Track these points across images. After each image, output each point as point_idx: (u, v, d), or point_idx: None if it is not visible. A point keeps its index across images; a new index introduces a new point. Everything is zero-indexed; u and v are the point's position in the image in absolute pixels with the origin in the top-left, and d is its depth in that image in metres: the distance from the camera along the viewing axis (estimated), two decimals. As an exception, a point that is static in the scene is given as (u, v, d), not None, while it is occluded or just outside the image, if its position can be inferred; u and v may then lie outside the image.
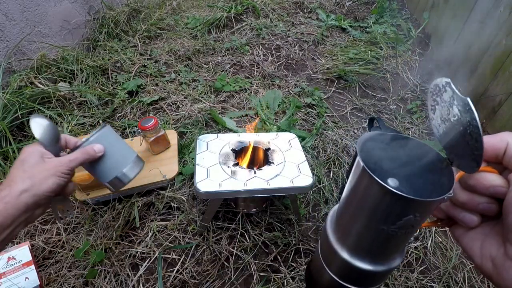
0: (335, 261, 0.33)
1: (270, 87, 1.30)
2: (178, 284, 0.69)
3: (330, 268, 0.34)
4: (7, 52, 1.11)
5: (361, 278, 0.32)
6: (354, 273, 0.31)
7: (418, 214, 0.25)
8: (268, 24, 1.71)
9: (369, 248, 0.30)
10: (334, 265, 0.34)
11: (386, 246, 0.29)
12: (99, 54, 1.42)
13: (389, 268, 0.30)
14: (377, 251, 0.30)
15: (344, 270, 0.33)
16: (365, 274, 0.31)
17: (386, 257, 0.30)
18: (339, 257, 0.31)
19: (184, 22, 1.77)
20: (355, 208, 0.29)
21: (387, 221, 0.26)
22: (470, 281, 0.72)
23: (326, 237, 0.33)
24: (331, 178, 0.92)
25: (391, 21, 1.78)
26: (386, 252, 0.30)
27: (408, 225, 0.26)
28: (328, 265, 0.34)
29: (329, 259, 0.34)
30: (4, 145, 0.93)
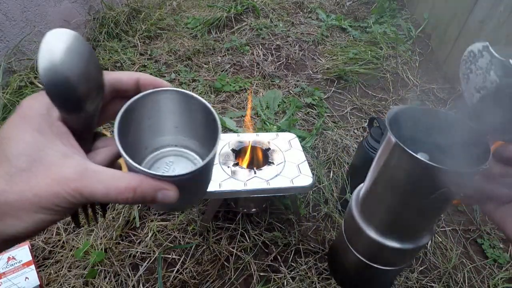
0: (362, 242, 0.32)
1: (270, 87, 1.30)
2: (178, 284, 0.69)
3: (356, 250, 0.33)
4: (7, 52, 1.11)
5: (389, 257, 0.31)
6: (382, 252, 0.30)
7: (452, 187, 0.24)
8: (268, 24, 1.71)
9: (399, 225, 0.28)
10: (361, 246, 0.32)
11: (416, 223, 0.28)
12: (99, 54, 1.42)
13: (417, 246, 0.29)
14: (407, 228, 0.28)
15: (371, 250, 0.31)
16: (393, 252, 0.29)
17: (415, 234, 0.29)
18: (367, 236, 0.30)
19: (184, 22, 1.76)
20: (385, 185, 0.28)
21: (421, 195, 0.25)
22: (470, 281, 0.72)
23: (352, 217, 0.32)
24: (331, 178, 0.92)
25: (391, 21, 1.78)
26: (416, 229, 0.29)
27: (441, 199, 0.25)
28: (354, 247, 0.33)
29: (355, 240, 0.33)
30: (4, 145, 0.93)
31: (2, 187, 0.21)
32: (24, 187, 0.21)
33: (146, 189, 0.23)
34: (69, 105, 0.23)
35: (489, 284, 0.71)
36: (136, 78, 0.27)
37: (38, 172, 0.22)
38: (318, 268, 0.72)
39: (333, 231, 0.79)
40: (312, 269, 0.72)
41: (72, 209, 0.23)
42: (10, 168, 0.21)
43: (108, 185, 0.22)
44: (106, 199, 0.23)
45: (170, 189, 0.24)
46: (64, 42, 0.22)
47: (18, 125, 0.23)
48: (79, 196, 0.22)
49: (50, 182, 0.21)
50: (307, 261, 0.73)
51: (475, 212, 0.86)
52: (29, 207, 0.21)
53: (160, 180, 0.24)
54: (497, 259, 0.76)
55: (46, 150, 0.22)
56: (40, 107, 0.23)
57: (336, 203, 0.84)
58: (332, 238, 0.77)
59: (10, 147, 0.22)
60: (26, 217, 0.22)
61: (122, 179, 0.23)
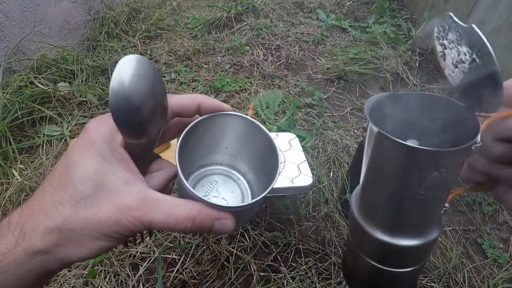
0: (368, 243, 0.30)
1: (270, 87, 1.30)
2: (178, 284, 0.69)
3: (365, 254, 0.31)
4: (7, 52, 1.11)
5: (400, 257, 0.29)
6: (391, 253, 0.28)
7: (443, 170, 0.22)
8: (268, 24, 1.71)
9: (400, 220, 0.27)
10: (368, 248, 0.30)
11: (417, 216, 0.26)
12: (99, 54, 1.42)
13: (427, 241, 0.27)
14: (410, 223, 0.26)
15: (379, 251, 0.29)
16: (403, 251, 0.28)
17: (421, 228, 0.27)
18: (372, 237, 0.28)
19: (184, 22, 1.76)
20: (376, 179, 0.26)
21: (412, 183, 0.23)
22: (470, 281, 0.72)
23: (354, 219, 0.30)
24: (331, 178, 0.92)
25: (391, 21, 1.78)
26: (420, 222, 0.27)
27: (435, 185, 0.23)
28: (362, 251, 0.31)
29: (361, 242, 0.31)
30: (4, 145, 0.93)
31: (68, 213, 0.21)
32: (88, 213, 0.21)
33: (204, 219, 0.23)
34: (133, 129, 0.23)
35: (489, 284, 0.71)
36: (198, 103, 0.27)
37: (101, 198, 0.22)
38: (318, 268, 0.72)
39: (333, 231, 0.79)
40: (312, 269, 0.72)
41: (130, 236, 0.23)
42: (75, 193, 0.22)
43: (167, 215, 0.22)
44: (165, 228, 0.23)
45: (228, 218, 0.24)
46: (133, 68, 0.22)
47: (84, 149, 0.23)
48: (139, 224, 0.22)
49: (112, 209, 0.22)
50: (307, 261, 0.73)
51: (475, 212, 0.86)
52: (92, 233, 0.22)
53: (218, 210, 0.23)
54: (497, 259, 0.76)
55: (109, 176, 0.22)
56: (105, 131, 0.23)
57: (336, 203, 0.84)
58: (332, 238, 0.77)
59: (75, 172, 0.22)
60: (89, 244, 0.22)
61: (180, 208, 0.23)
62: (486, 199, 0.88)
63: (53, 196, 0.22)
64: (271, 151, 0.28)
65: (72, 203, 0.21)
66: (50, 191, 0.22)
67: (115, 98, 0.22)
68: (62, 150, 0.98)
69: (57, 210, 0.21)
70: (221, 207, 0.23)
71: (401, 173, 0.24)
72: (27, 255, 0.21)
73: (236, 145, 0.32)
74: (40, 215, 0.22)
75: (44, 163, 0.93)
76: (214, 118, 0.28)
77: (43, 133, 1.01)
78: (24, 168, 0.92)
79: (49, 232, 0.21)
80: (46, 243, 0.21)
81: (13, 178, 0.88)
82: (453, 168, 0.23)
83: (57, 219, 0.21)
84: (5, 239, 0.21)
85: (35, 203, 0.22)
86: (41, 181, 0.86)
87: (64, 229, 0.21)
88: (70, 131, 1.04)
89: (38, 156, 0.95)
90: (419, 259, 0.29)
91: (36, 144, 0.99)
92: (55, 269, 0.23)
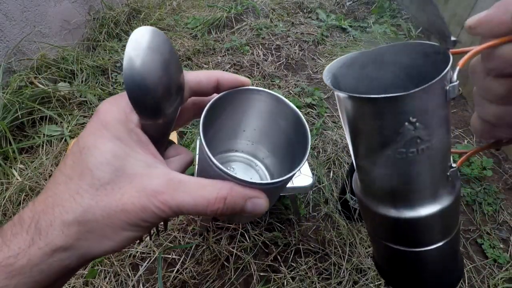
0: (378, 223, 0.27)
1: (270, 87, 1.30)
2: (178, 284, 0.69)
3: (380, 236, 0.28)
4: (7, 52, 1.11)
5: (412, 233, 0.25)
6: (401, 228, 0.25)
7: (414, 119, 0.20)
8: (268, 24, 1.71)
9: (395, 189, 0.24)
10: (380, 228, 0.28)
11: (411, 181, 0.23)
12: (99, 54, 1.42)
13: (438, 210, 0.24)
14: (406, 191, 0.23)
15: (390, 229, 0.27)
16: (413, 224, 0.24)
17: (422, 196, 0.24)
18: (378, 214, 0.26)
19: (184, 22, 1.76)
20: (357, 148, 0.24)
21: (387, 141, 0.21)
22: (470, 281, 0.72)
23: (359, 201, 0.28)
24: (331, 178, 0.92)
25: (391, 21, 1.78)
26: (417, 189, 0.23)
27: (413, 139, 0.20)
28: (377, 234, 0.28)
29: (372, 225, 0.29)
30: (4, 145, 0.93)
31: (88, 202, 0.19)
32: (110, 201, 0.19)
33: (236, 198, 0.21)
34: (150, 108, 0.21)
35: (489, 284, 0.71)
36: (216, 78, 0.25)
37: (122, 184, 0.20)
38: (318, 268, 0.72)
39: (333, 231, 0.79)
40: (312, 269, 0.72)
41: (155, 225, 0.21)
42: (93, 180, 0.19)
43: (196, 196, 0.20)
44: (194, 211, 0.20)
45: (261, 197, 0.22)
46: (147, 42, 0.21)
47: (97, 133, 0.20)
48: (167, 209, 0.20)
49: (136, 195, 0.19)
50: (307, 261, 0.73)
51: (475, 212, 0.86)
52: (116, 223, 0.19)
53: (250, 187, 0.21)
54: (497, 259, 0.76)
55: (128, 159, 0.20)
56: (119, 112, 0.21)
57: (336, 203, 0.84)
58: (332, 238, 0.77)
59: (91, 157, 0.20)
60: (113, 235, 0.20)
61: (209, 188, 0.21)
62: (486, 199, 0.88)
63: (67, 185, 0.20)
64: (297, 127, 0.25)
65: (91, 191, 0.19)
66: (63, 180, 0.20)
67: (129, 75, 0.20)
68: (62, 150, 0.98)
69: (74, 200, 0.19)
70: (252, 183, 0.21)
71: (372, 132, 0.21)
72: (44, 254, 0.19)
73: (256, 126, 0.29)
74: (56, 208, 0.19)
75: (44, 163, 0.93)
76: (234, 94, 0.26)
77: (43, 133, 1.01)
78: (24, 168, 0.92)
79: (67, 226, 0.19)
80: (65, 239, 0.19)
81: (13, 178, 0.88)
82: (428, 117, 0.20)
83: (75, 210, 0.19)
84: (18, 237, 0.19)
85: (48, 196, 0.20)
86: (41, 181, 0.87)
87: (84, 220, 0.19)
88: (70, 131, 1.04)
89: (38, 156, 0.95)
90: (436, 234, 0.25)
91: (36, 144, 0.99)
92: (74, 267, 0.20)
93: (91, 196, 0.19)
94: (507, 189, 0.93)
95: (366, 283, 0.68)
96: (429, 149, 0.21)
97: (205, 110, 0.24)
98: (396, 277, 0.30)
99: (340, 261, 0.72)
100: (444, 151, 0.23)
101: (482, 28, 0.18)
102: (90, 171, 0.19)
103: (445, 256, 0.27)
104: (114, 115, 0.21)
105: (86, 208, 0.19)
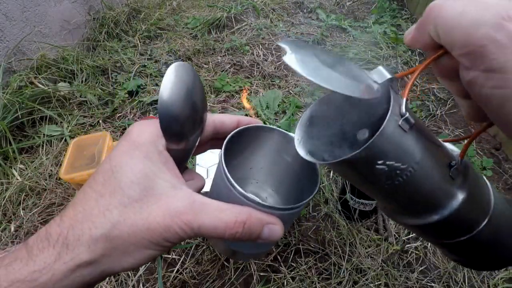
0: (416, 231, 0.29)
1: (270, 87, 1.30)
2: (178, 284, 0.69)
3: (431, 239, 0.29)
4: (7, 52, 1.11)
5: (446, 229, 0.26)
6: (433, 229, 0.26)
7: (380, 161, 0.20)
8: (268, 24, 1.71)
9: (405, 206, 0.25)
10: (423, 235, 0.29)
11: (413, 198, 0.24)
12: (99, 54, 1.42)
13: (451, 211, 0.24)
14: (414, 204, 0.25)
15: (428, 233, 0.27)
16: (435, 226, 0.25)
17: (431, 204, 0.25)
18: (409, 225, 0.27)
19: (184, 22, 1.76)
20: (356, 186, 0.27)
21: (372, 181, 0.22)
22: (470, 281, 0.72)
23: (393, 219, 0.29)
24: (331, 178, 0.92)
25: (391, 21, 1.78)
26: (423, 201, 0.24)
27: (391, 173, 0.21)
28: (427, 238, 0.30)
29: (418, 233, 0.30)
30: (4, 145, 0.93)
31: (116, 219, 0.20)
32: (137, 220, 0.20)
33: (255, 223, 0.22)
34: (176, 135, 0.24)
35: (489, 284, 0.71)
36: (237, 120, 0.29)
37: (149, 203, 0.21)
38: (318, 268, 0.72)
39: (333, 231, 0.79)
40: (312, 269, 0.72)
41: (174, 245, 0.22)
42: (123, 198, 0.20)
43: (216, 219, 0.21)
44: (213, 234, 0.21)
45: (277, 223, 0.23)
46: (180, 80, 0.24)
47: (130, 153, 0.22)
48: (188, 230, 0.21)
49: (161, 215, 0.20)
50: (307, 261, 0.73)
51: (475, 212, 0.86)
52: (140, 242, 0.20)
53: (266, 213, 0.23)
54: (497, 259, 0.76)
55: (156, 180, 0.21)
56: (150, 135, 0.23)
57: (336, 203, 0.84)
58: (332, 238, 0.77)
59: (123, 176, 0.21)
60: (136, 253, 0.20)
61: (227, 212, 0.21)
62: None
63: (98, 202, 0.20)
64: (304, 161, 0.28)
65: (120, 208, 0.20)
66: (94, 197, 0.21)
67: (163, 108, 0.23)
68: (62, 150, 0.98)
69: (104, 216, 0.20)
70: (271, 208, 0.23)
71: (356, 178, 0.24)
72: (68, 269, 0.19)
73: (263, 165, 0.32)
74: (85, 223, 0.20)
75: (44, 163, 0.93)
76: (247, 131, 0.29)
77: (43, 133, 1.01)
78: (24, 168, 0.92)
79: (95, 241, 0.20)
80: (91, 254, 0.19)
81: (13, 178, 0.88)
82: (394, 153, 0.21)
83: (104, 226, 0.20)
84: (45, 252, 0.19)
85: (77, 211, 0.20)
86: (41, 181, 0.87)
87: (111, 236, 0.20)
88: (70, 131, 1.04)
89: (38, 156, 0.95)
90: (474, 217, 0.25)
91: (36, 144, 0.99)
92: (94, 282, 0.21)
93: (120, 213, 0.20)
94: (507, 189, 0.93)
95: (366, 283, 0.68)
96: (415, 169, 0.22)
97: (226, 141, 0.27)
98: (475, 261, 0.30)
99: (340, 261, 0.72)
100: (433, 162, 0.23)
101: (416, 46, 0.22)
102: (121, 189, 0.21)
103: (497, 230, 0.26)
104: (146, 137, 0.23)
105: (114, 224, 0.20)
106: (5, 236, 0.75)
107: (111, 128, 1.09)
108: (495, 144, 1.08)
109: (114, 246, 0.20)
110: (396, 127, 0.19)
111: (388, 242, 0.76)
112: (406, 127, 0.20)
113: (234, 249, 0.31)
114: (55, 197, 0.84)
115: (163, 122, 0.23)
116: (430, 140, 0.23)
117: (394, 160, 0.21)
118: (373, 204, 0.74)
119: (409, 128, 0.20)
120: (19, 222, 0.78)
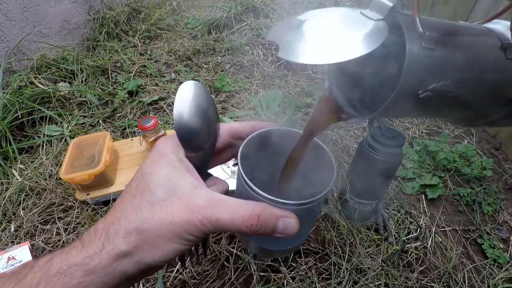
0: None
1: (270, 87, 1.30)
2: (178, 284, 0.69)
3: None
4: (7, 52, 1.11)
5: None
6: None
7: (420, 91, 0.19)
8: (268, 24, 1.71)
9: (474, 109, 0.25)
10: None
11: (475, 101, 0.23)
12: (99, 54, 1.42)
13: None
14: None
15: None
16: None
17: None
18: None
19: (184, 22, 1.77)
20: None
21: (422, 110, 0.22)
22: (470, 281, 0.72)
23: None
24: (331, 178, 0.92)
25: (391, 21, 1.78)
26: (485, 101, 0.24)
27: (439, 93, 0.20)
28: None
29: None
30: (4, 145, 0.93)
31: (146, 215, 0.24)
32: (162, 215, 0.24)
33: (269, 216, 0.24)
34: (192, 145, 0.28)
35: (489, 284, 0.71)
36: (251, 125, 0.32)
37: (173, 201, 0.24)
38: (318, 268, 0.72)
39: (333, 231, 0.78)
40: (312, 269, 0.72)
41: (199, 239, 0.25)
42: (152, 198, 0.25)
43: (233, 212, 0.24)
44: (231, 226, 0.24)
45: (291, 217, 0.25)
46: (192, 95, 0.28)
47: (157, 161, 0.27)
48: (208, 223, 0.24)
49: (183, 210, 0.24)
50: (307, 261, 0.73)
51: (475, 212, 0.86)
52: (165, 234, 0.23)
53: (281, 208, 0.25)
54: (497, 259, 0.76)
55: (179, 182, 0.25)
56: (173, 146, 0.28)
57: (336, 203, 0.84)
58: (332, 238, 0.77)
59: (151, 180, 0.25)
60: (162, 245, 0.24)
61: (245, 207, 0.24)
62: (486, 199, 0.88)
63: (132, 202, 0.25)
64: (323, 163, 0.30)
65: (149, 206, 0.24)
66: (129, 198, 0.25)
67: (178, 123, 0.27)
68: (62, 150, 0.98)
69: (136, 213, 0.24)
70: (284, 203, 0.25)
71: (407, 112, 0.24)
72: (109, 257, 0.23)
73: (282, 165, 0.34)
74: (122, 220, 0.24)
75: (44, 163, 0.93)
76: (264, 134, 0.32)
77: (43, 133, 1.01)
78: (24, 168, 0.92)
79: (129, 234, 0.24)
80: (126, 245, 0.23)
81: (13, 178, 0.88)
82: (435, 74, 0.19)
83: (136, 221, 0.24)
84: (93, 243, 0.24)
85: (117, 211, 0.25)
86: (41, 181, 0.87)
87: (141, 229, 0.24)
88: (70, 131, 1.04)
89: (38, 156, 0.95)
90: None
91: (36, 144, 0.99)
92: (132, 274, 0.24)
93: (149, 210, 0.24)
94: (507, 189, 0.93)
95: (366, 283, 0.68)
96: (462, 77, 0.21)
97: (242, 145, 0.30)
98: None
99: (340, 261, 0.72)
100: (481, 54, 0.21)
101: None
102: (150, 190, 0.25)
103: None
104: (169, 148, 0.27)
105: (144, 219, 0.24)
106: (5, 236, 0.75)
107: (111, 128, 1.09)
108: (495, 144, 1.08)
109: (144, 239, 0.24)
110: (422, 50, 0.17)
111: (388, 242, 0.76)
112: (432, 45, 0.17)
113: (262, 247, 0.33)
114: (55, 197, 0.84)
115: (181, 138, 0.28)
116: (468, 35, 0.20)
117: (435, 81, 0.19)
118: (373, 204, 0.74)
119: (436, 44, 0.18)
120: (19, 222, 0.78)
